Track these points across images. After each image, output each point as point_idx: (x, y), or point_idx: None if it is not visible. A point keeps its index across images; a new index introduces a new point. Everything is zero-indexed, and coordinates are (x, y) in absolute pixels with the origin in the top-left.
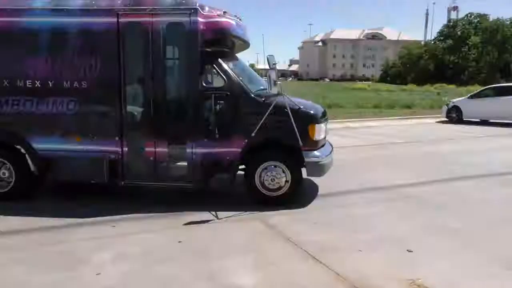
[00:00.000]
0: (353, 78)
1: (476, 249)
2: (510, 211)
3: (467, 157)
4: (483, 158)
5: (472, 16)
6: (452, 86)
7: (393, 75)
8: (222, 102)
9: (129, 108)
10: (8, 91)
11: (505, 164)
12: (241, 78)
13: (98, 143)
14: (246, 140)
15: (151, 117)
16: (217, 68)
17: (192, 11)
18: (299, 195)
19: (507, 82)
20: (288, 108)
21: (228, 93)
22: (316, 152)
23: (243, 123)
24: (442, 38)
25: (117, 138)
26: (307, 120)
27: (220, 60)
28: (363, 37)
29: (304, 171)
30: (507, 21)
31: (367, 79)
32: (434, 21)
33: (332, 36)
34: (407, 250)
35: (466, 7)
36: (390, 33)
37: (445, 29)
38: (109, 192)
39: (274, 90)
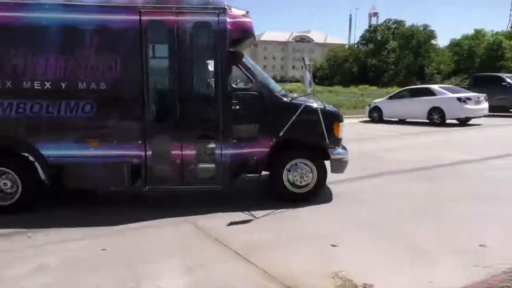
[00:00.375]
0: (283, 79)
1: (393, 241)
2: (424, 204)
3: (386, 153)
4: (400, 155)
5: (390, 22)
6: (374, 88)
7: (320, 77)
8: (250, 102)
9: (153, 110)
10: (13, 93)
11: (418, 160)
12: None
13: (119, 147)
14: (274, 140)
15: (178, 119)
16: (242, 69)
17: (221, 10)
18: (221, 197)
19: (421, 84)
20: (319, 109)
21: (256, 93)
22: (339, 150)
23: (271, 123)
24: (364, 42)
25: (140, 142)
26: (332, 119)
27: (244, 60)
28: (292, 39)
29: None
30: (421, 27)
31: (297, 81)
32: (357, 25)
33: (262, 38)
34: (331, 245)
35: (385, 13)
36: (317, 36)
37: (367, 34)
38: None
39: (309, 90)
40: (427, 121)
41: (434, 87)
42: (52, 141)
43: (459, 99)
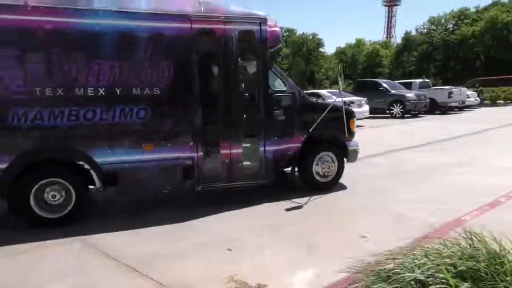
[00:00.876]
0: None
1: (286, 240)
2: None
3: None
4: None
5: (283, 30)
6: None
7: None
8: (286, 103)
9: (204, 113)
10: (64, 101)
11: None
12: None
13: (173, 150)
14: (306, 136)
15: (226, 121)
16: (276, 73)
17: (262, 20)
18: (115, 209)
19: (313, 89)
20: (343, 108)
21: (290, 95)
22: (354, 142)
23: (303, 121)
24: None
25: (191, 143)
26: (349, 115)
27: (275, 65)
28: None
29: None
30: (310, 35)
31: None
32: None
33: None
34: (228, 249)
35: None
36: None
37: None
38: None
39: (341, 89)
40: None
41: (323, 91)
42: (107, 148)
43: (344, 102)
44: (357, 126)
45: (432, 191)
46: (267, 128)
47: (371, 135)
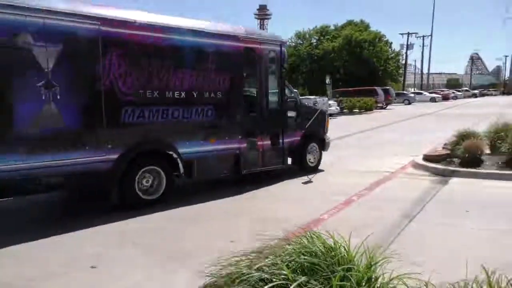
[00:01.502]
0: None
1: (150, 252)
2: (188, 213)
3: None
4: None
5: None
6: None
7: None
8: (293, 107)
9: (247, 113)
10: (158, 102)
11: None
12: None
13: (229, 142)
14: (303, 131)
15: (260, 119)
16: (286, 83)
17: (283, 43)
18: None
19: None
20: (327, 112)
21: (296, 100)
22: (327, 135)
23: (302, 120)
24: None
25: (240, 137)
26: (327, 116)
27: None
28: None
29: None
30: None
31: None
32: None
33: None
34: (91, 266)
35: None
36: None
37: None
38: None
39: (330, 99)
40: None
41: None
42: (186, 140)
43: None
44: None
45: (296, 193)
46: (285, 126)
47: None
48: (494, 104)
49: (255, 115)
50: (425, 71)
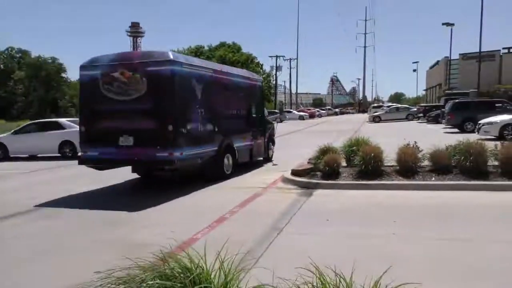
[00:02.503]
0: None
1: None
2: (44, 244)
3: (8, 194)
4: (24, 193)
5: (14, 51)
6: (2, 121)
7: None
8: (266, 119)
9: (253, 124)
10: (230, 117)
11: (47, 197)
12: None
13: (249, 140)
14: (268, 134)
15: (258, 128)
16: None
17: (262, 80)
18: None
19: (56, 117)
20: (276, 123)
21: (265, 116)
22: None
23: (268, 128)
24: None
25: (251, 137)
26: (276, 125)
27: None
28: None
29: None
30: (49, 59)
31: None
32: None
33: None
34: None
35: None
36: None
37: None
38: None
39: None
40: (59, 155)
41: (62, 120)
42: (236, 140)
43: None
44: None
45: (170, 215)
46: (266, 132)
47: None
48: (351, 121)
49: (256, 125)
50: (293, 91)
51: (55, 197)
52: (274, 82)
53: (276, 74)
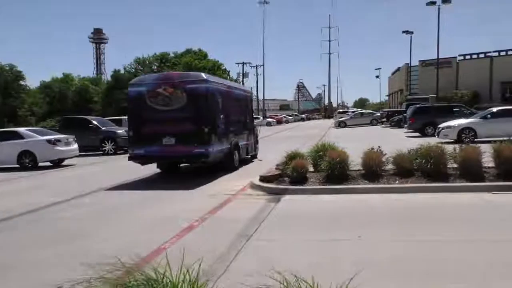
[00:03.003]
0: None
1: None
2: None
3: None
4: None
5: None
6: None
7: None
8: (254, 125)
9: (249, 128)
10: (231, 121)
11: (7, 209)
12: None
13: (246, 140)
14: (255, 136)
15: (251, 131)
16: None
17: (251, 91)
18: None
19: (15, 126)
20: (260, 126)
21: (254, 121)
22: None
23: (255, 131)
24: None
25: (247, 138)
26: (259, 128)
27: None
28: None
29: None
30: (6, 66)
31: None
32: None
33: None
34: None
35: None
36: None
37: None
38: None
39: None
40: (18, 166)
41: (22, 130)
42: (240, 140)
43: (48, 141)
44: (68, 165)
45: (135, 225)
46: (255, 133)
47: (83, 173)
48: (317, 126)
49: (250, 128)
50: (260, 97)
51: (15, 209)
52: None
53: (243, 81)
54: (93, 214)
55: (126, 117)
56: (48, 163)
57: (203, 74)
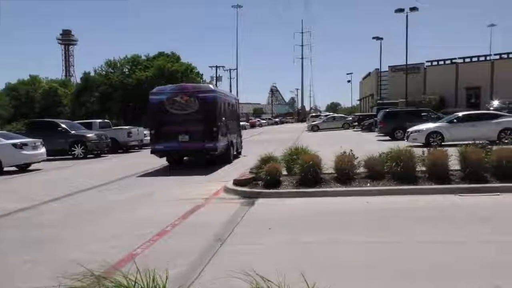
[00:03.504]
0: None
1: None
2: None
3: None
4: None
5: None
6: None
7: None
8: (239, 127)
9: (238, 129)
10: (227, 124)
11: None
12: None
13: (238, 138)
14: (240, 134)
15: (238, 131)
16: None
17: (238, 98)
18: None
19: None
20: (242, 126)
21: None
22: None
23: (240, 130)
24: None
25: (237, 137)
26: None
27: None
28: None
29: None
30: None
31: None
32: None
33: None
34: None
35: None
36: None
37: None
38: None
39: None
40: None
41: None
42: (233, 137)
43: (14, 145)
44: (35, 170)
45: (108, 229)
46: (240, 133)
47: (51, 177)
48: (291, 130)
49: (238, 128)
50: None
51: None
52: None
53: (216, 85)
54: (64, 219)
55: (97, 120)
56: (14, 168)
57: (211, 86)
